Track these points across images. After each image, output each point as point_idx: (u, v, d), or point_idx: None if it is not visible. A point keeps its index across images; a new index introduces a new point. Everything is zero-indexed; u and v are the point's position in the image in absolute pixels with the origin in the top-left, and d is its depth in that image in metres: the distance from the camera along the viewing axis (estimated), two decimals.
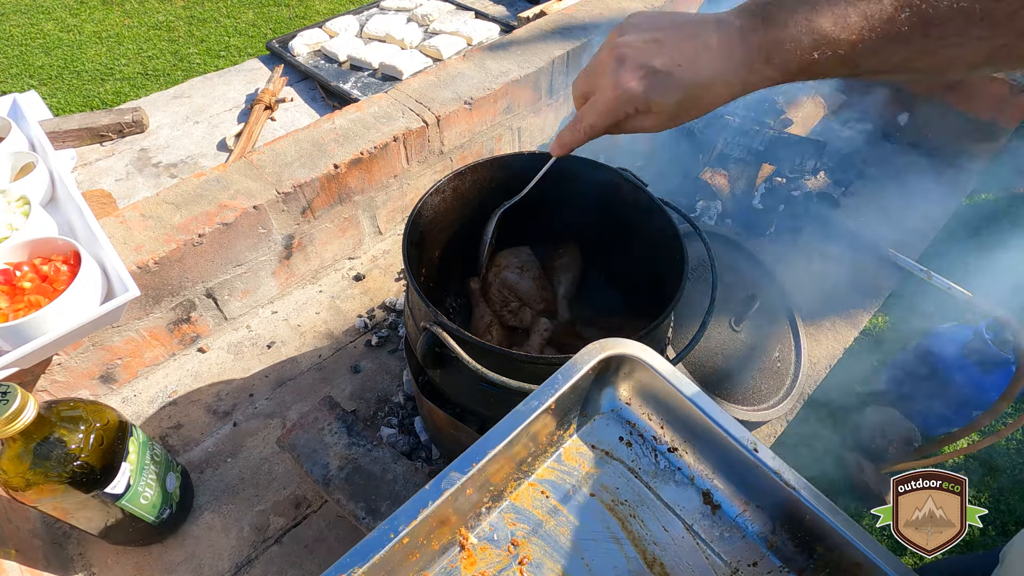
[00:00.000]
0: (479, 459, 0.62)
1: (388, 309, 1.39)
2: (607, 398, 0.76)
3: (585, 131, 0.68)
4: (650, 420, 0.75)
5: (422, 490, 0.59)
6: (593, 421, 0.76)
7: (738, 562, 0.67)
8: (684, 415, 0.71)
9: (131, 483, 0.86)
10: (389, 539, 0.56)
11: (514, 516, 0.69)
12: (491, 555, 0.66)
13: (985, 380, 1.78)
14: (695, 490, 0.72)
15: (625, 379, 0.75)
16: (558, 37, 1.67)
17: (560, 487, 0.72)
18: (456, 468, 0.61)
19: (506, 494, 0.70)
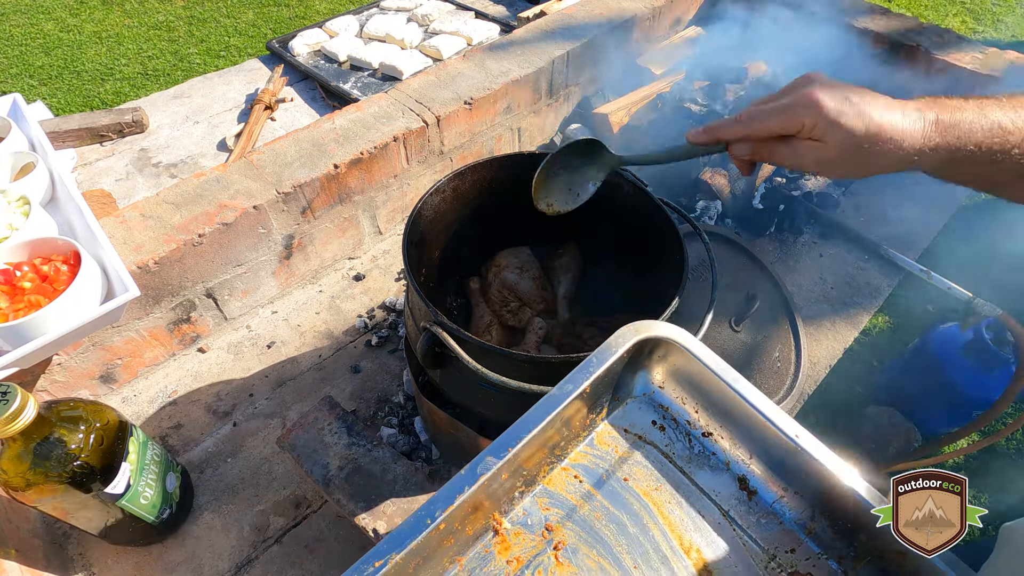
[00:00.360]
0: (514, 444, 0.61)
1: (388, 309, 1.39)
2: (640, 381, 0.75)
3: (745, 125, 0.66)
4: (684, 404, 0.74)
5: (457, 475, 0.59)
6: (625, 405, 0.75)
7: (775, 548, 0.66)
8: (720, 399, 0.70)
9: (131, 483, 0.86)
10: (426, 525, 0.56)
11: (547, 501, 0.68)
12: (525, 540, 0.66)
13: (985, 380, 1.78)
14: (731, 476, 0.71)
15: (659, 362, 0.74)
16: (558, 37, 1.67)
17: (593, 472, 0.71)
18: (491, 453, 0.61)
19: (539, 479, 0.69)
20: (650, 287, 0.96)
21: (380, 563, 0.54)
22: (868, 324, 1.43)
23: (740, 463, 0.71)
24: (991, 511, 0.60)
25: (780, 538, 0.67)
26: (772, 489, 0.69)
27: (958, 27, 3.56)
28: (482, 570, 0.63)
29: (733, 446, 0.71)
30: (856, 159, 0.61)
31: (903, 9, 3.51)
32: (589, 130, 1.78)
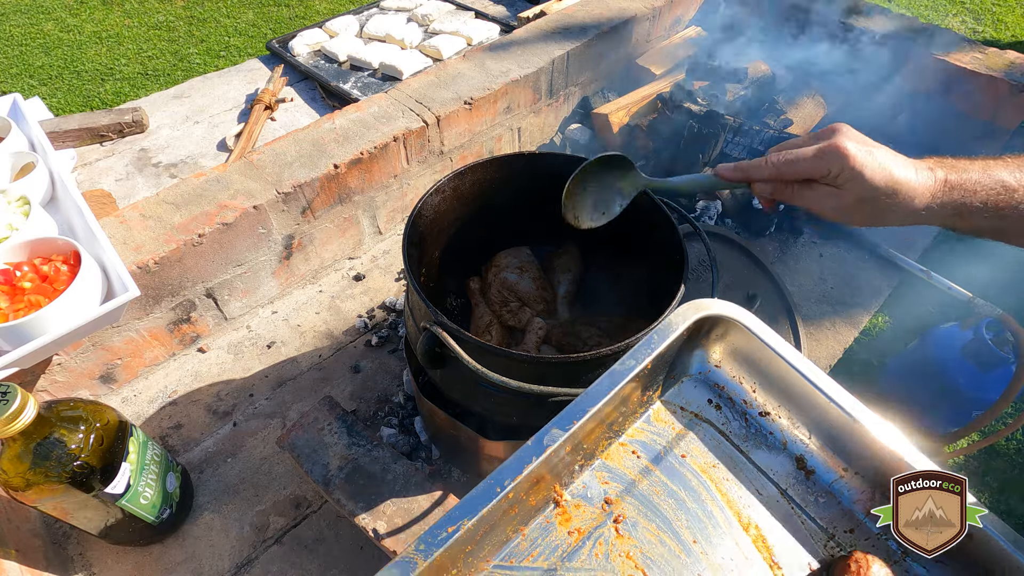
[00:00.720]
0: (579, 417, 0.63)
1: (388, 309, 1.39)
2: (696, 360, 0.76)
3: (776, 168, 0.71)
4: (741, 383, 0.74)
5: (524, 446, 0.60)
6: (681, 383, 0.76)
7: (834, 528, 0.67)
8: (779, 378, 0.70)
9: (131, 483, 0.86)
10: (496, 493, 0.58)
11: (607, 475, 0.69)
12: (585, 512, 0.67)
13: (985, 380, 1.78)
14: (788, 455, 0.71)
15: (717, 341, 0.74)
16: (558, 37, 1.67)
17: (651, 448, 0.71)
18: (557, 425, 0.62)
19: (598, 453, 0.70)
20: (650, 287, 0.96)
21: (453, 528, 0.55)
22: (868, 324, 1.43)
23: (798, 442, 0.71)
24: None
25: (839, 518, 0.67)
26: (831, 468, 0.69)
27: (958, 27, 3.56)
28: (544, 540, 0.64)
29: (791, 425, 0.71)
30: (871, 209, 0.67)
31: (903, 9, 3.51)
32: (589, 130, 1.78)
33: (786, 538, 0.66)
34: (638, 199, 0.96)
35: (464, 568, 0.60)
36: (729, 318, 0.72)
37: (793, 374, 0.68)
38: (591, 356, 0.72)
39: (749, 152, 1.53)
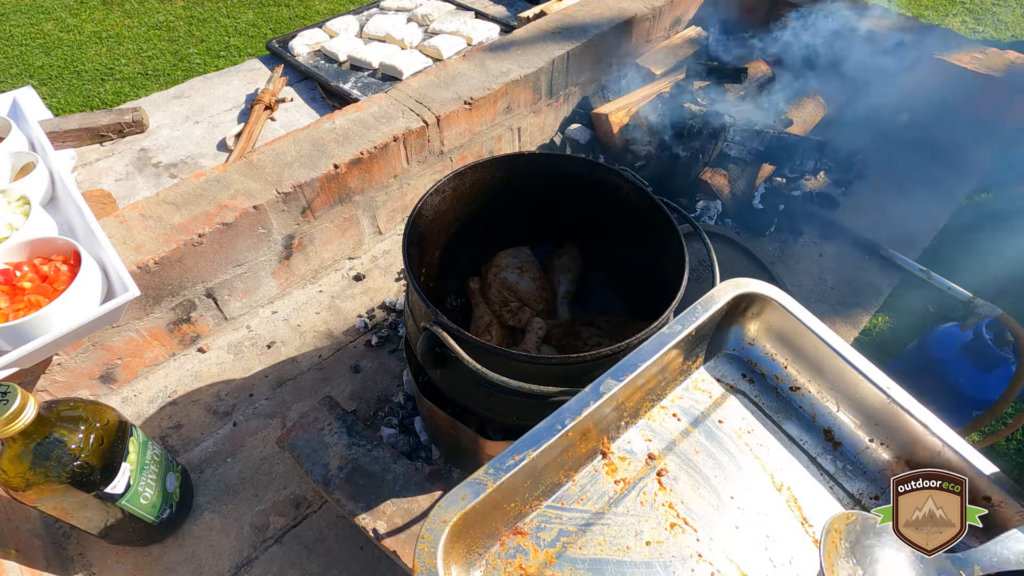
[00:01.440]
0: (632, 370, 0.68)
1: (388, 309, 1.39)
2: (733, 336, 0.81)
3: None
4: (775, 358, 0.80)
5: (583, 392, 0.65)
6: (717, 358, 0.81)
7: (861, 494, 0.71)
8: (812, 354, 0.75)
9: (131, 483, 0.86)
10: (557, 430, 0.62)
11: (649, 434, 0.74)
12: (630, 465, 0.71)
13: (985, 380, 1.78)
14: (816, 428, 0.76)
15: (753, 319, 0.80)
16: (558, 37, 1.67)
17: (690, 412, 0.76)
18: (612, 376, 0.67)
19: (641, 413, 0.75)
20: (650, 287, 0.96)
21: (519, 457, 0.60)
22: (868, 324, 1.43)
23: (827, 415, 0.76)
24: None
25: (865, 486, 0.72)
26: (859, 439, 0.74)
27: (958, 27, 3.56)
28: (592, 486, 0.69)
29: (822, 398, 0.76)
30: None
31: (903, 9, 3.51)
32: (589, 130, 1.78)
33: (817, 500, 0.70)
34: (638, 200, 0.96)
35: (520, 504, 0.64)
36: (766, 296, 0.77)
37: (824, 349, 0.73)
38: (591, 356, 0.72)
39: (748, 152, 1.53)
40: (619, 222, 1.02)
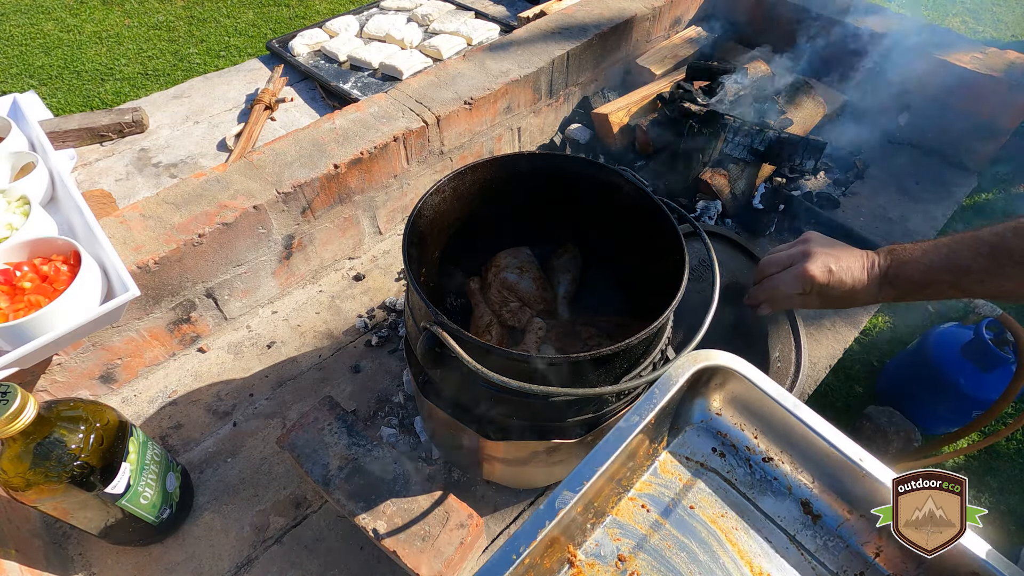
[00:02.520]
0: (589, 477, 0.63)
1: (388, 309, 1.39)
2: (698, 409, 0.77)
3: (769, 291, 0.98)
4: (743, 429, 0.75)
5: (537, 511, 0.61)
6: (684, 432, 0.77)
7: (844, 571, 0.67)
8: (780, 424, 0.71)
9: (131, 483, 0.86)
10: (511, 560, 0.58)
11: (618, 531, 0.70)
12: (599, 571, 0.67)
13: (985, 380, 1.78)
14: (794, 500, 0.71)
15: (717, 390, 0.76)
16: (558, 37, 1.67)
17: (660, 501, 0.72)
18: (567, 487, 0.62)
19: (608, 510, 0.70)
20: (650, 287, 0.96)
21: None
22: (868, 324, 1.43)
23: (803, 487, 0.72)
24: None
25: (848, 561, 0.68)
26: (837, 512, 0.69)
27: (958, 27, 3.56)
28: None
29: (795, 470, 0.72)
30: (835, 306, 0.95)
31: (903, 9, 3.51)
32: (589, 130, 1.78)
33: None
34: (638, 200, 0.96)
35: None
36: (726, 367, 0.73)
37: (792, 420, 0.70)
38: (591, 356, 0.72)
39: (749, 152, 1.53)
40: (619, 222, 1.02)
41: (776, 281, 0.96)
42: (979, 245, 0.78)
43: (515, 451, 0.91)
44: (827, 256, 0.91)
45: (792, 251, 0.96)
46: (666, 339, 0.87)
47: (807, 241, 0.96)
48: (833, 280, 0.89)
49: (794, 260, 0.94)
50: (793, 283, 0.93)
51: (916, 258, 0.85)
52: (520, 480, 1.05)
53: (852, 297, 0.90)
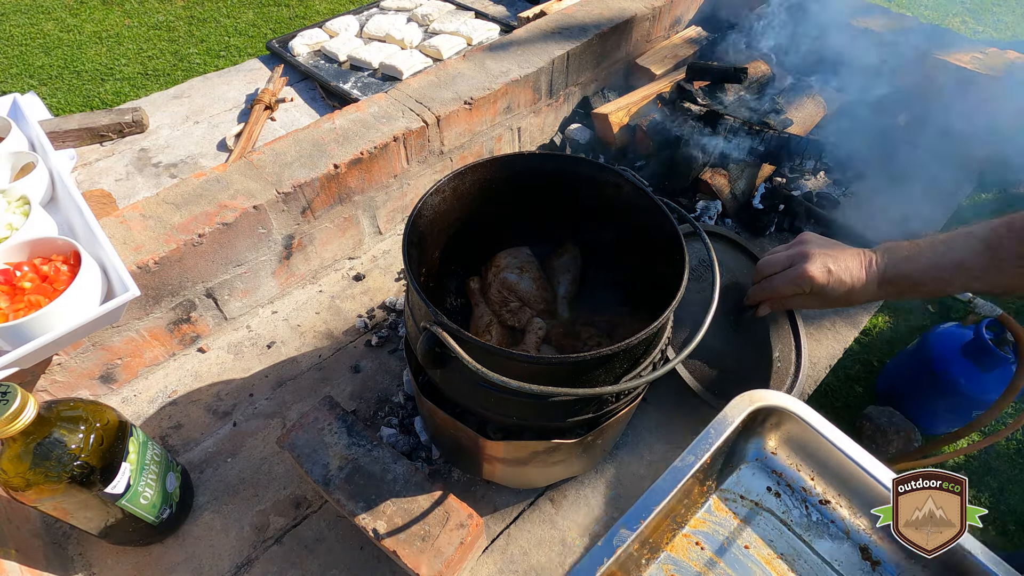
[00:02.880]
0: (646, 515, 0.64)
1: (388, 309, 1.39)
2: (753, 448, 0.76)
3: (769, 292, 1.00)
4: (799, 470, 0.74)
5: (595, 547, 0.62)
6: (739, 471, 0.77)
7: None
8: (838, 468, 0.70)
9: (131, 483, 0.86)
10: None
11: (672, 568, 0.69)
12: None
13: (985, 380, 1.78)
14: (851, 544, 0.69)
15: (772, 430, 0.75)
16: (558, 37, 1.67)
17: (714, 539, 0.71)
18: (625, 525, 0.63)
19: (663, 546, 0.70)
20: (651, 287, 0.96)
21: None
22: (868, 324, 1.43)
23: (861, 532, 0.70)
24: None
25: None
26: (897, 559, 0.67)
27: (958, 27, 3.56)
28: None
29: (853, 515, 0.70)
30: (834, 305, 0.96)
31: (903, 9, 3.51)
32: (589, 130, 1.78)
33: None
34: (638, 200, 0.96)
35: None
36: (783, 409, 0.73)
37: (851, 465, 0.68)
38: (591, 356, 0.72)
39: (749, 152, 1.53)
40: (619, 222, 1.02)
41: (775, 282, 0.97)
42: (974, 242, 0.79)
43: (515, 451, 0.91)
44: (826, 256, 0.91)
45: (791, 252, 0.97)
46: (666, 339, 0.87)
47: (805, 242, 0.97)
48: (832, 280, 0.89)
49: (793, 261, 0.95)
50: (793, 284, 0.94)
51: (913, 255, 0.85)
52: (520, 480, 1.05)
53: (851, 296, 0.91)
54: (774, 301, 1.01)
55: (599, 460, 1.10)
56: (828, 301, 0.93)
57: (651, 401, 1.20)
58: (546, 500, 1.06)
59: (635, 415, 1.18)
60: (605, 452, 1.10)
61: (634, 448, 1.12)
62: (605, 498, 1.06)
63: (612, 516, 1.04)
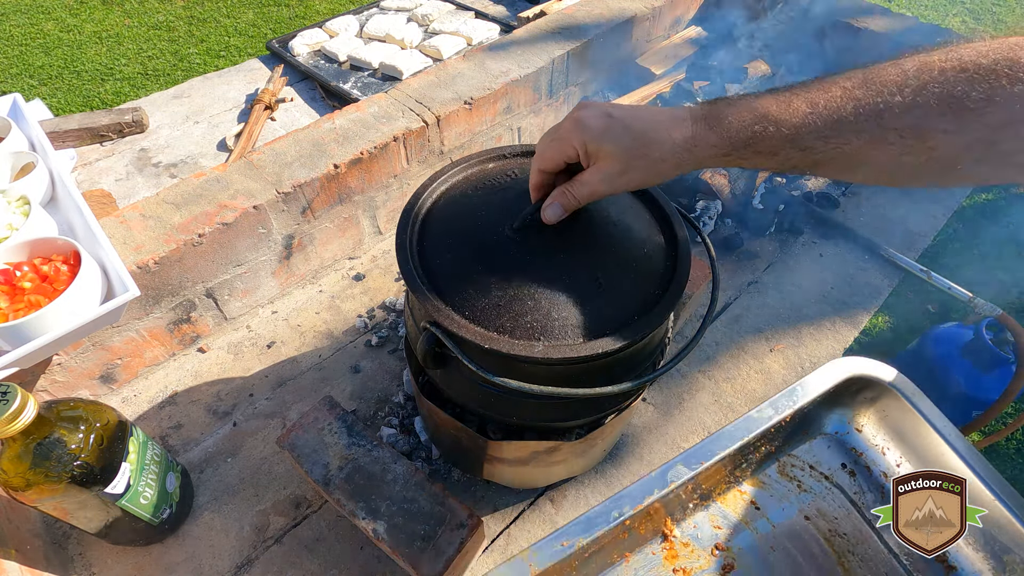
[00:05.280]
0: (708, 458, 0.60)
1: (388, 309, 1.39)
2: (834, 419, 0.70)
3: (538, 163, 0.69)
4: (885, 453, 0.68)
5: (648, 476, 0.59)
6: (813, 441, 0.70)
7: None
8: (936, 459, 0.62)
9: (131, 483, 0.86)
10: (614, 518, 0.58)
11: (720, 520, 0.65)
12: (693, 553, 0.64)
13: (985, 380, 1.78)
14: None
15: (865, 404, 0.68)
16: (558, 37, 1.67)
17: (772, 503, 0.66)
18: (683, 462, 0.60)
19: (715, 496, 0.66)
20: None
21: (567, 543, 0.56)
22: (868, 324, 1.42)
23: None
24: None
25: None
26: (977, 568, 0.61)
27: (958, 27, 3.56)
28: (647, 572, 0.62)
29: None
30: (638, 164, 0.63)
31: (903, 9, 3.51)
32: None
33: None
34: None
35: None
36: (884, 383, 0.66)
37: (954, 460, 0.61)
38: (591, 356, 0.72)
39: None
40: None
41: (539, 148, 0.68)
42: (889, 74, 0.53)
43: (515, 451, 0.91)
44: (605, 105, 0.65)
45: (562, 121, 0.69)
46: (666, 339, 0.87)
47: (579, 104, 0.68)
48: (617, 126, 0.62)
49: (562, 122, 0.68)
50: (559, 142, 0.65)
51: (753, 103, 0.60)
52: (520, 480, 1.05)
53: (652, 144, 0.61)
54: (559, 194, 0.69)
55: (599, 460, 1.10)
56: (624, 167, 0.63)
57: (651, 401, 1.20)
58: (546, 500, 1.06)
59: (635, 415, 1.18)
60: (605, 452, 1.10)
61: (634, 448, 1.12)
62: (605, 498, 1.06)
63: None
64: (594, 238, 0.79)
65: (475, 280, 0.75)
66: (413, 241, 0.81)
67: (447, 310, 0.73)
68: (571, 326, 0.73)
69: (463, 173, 0.92)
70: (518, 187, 0.86)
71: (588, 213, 0.81)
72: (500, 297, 0.74)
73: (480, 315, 0.73)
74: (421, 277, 0.76)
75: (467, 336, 0.71)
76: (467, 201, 0.86)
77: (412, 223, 0.82)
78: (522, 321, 0.73)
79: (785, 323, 1.36)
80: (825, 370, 0.66)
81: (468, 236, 0.79)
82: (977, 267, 1.69)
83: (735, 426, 0.62)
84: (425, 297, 0.74)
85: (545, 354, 0.70)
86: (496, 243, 0.77)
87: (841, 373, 0.66)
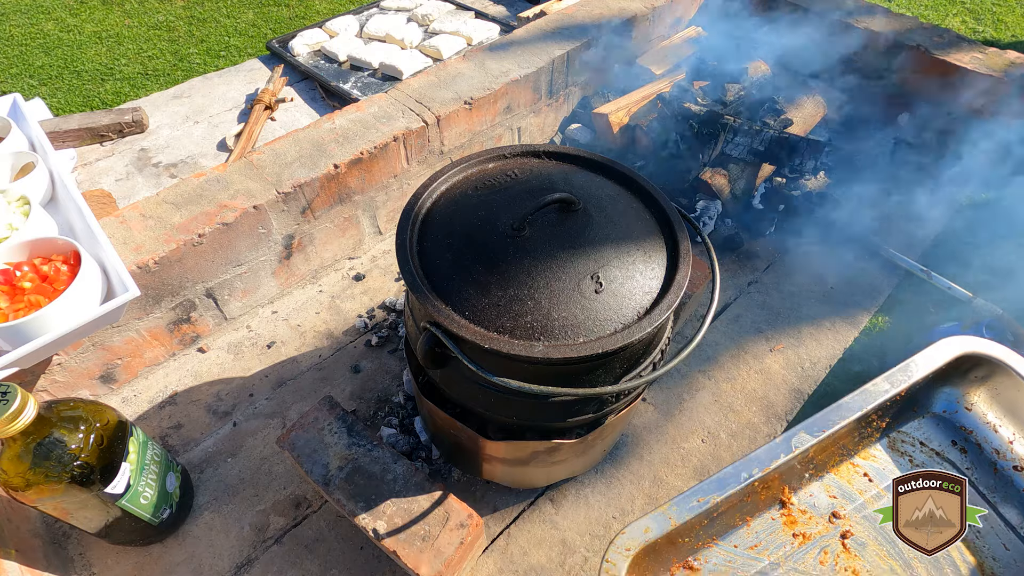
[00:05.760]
0: (830, 427, 0.63)
1: (388, 309, 1.39)
2: (943, 397, 0.72)
3: None
4: (997, 431, 0.69)
5: (774, 442, 0.62)
6: (922, 418, 0.73)
7: None
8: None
9: (131, 483, 0.86)
10: (744, 479, 0.61)
11: (835, 490, 0.69)
12: (810, 520, 0.67)
13: None
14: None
15: (977, 383, 0.70)
16: (558, 37, 1.67)
17: (884, 475, 0.69)
18: (806, 429, 0.63)
19: (829, 468, 0.70)
20: None
21: (703, 499, 0.59)
22: (868, 324, 1.43)
23: None
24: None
25: None
26: None
27: (958, 27, 3.56)
28: (768, 536, 0.66)
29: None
30: None
31: (903, 9, 3.51)
32: (589, 130, 1.78)
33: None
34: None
35: (693, 540, 0.63)
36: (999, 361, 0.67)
37: None
38: (591, 356, 0.72)
39: (749, 152, 1.53)
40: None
41: None
42: None
43: (515, 451, 0.91)
44: None
45: None
46: (666, 339, 0.87)
47: None
48: None
49: None
50: None
51: None
52: (520, 480, 1.05)
53: None
54: None
55: (599, 460, 1.10)
56: None
57: (651, 401, 1.20)
58: (546, 500, 1.06)
59: (635, 415, 1.18)
60: (605, 452, 1.10)
61: (634, 448, 1.12)
62: (605, 498, 1.06)
63: (612, 516, 1.04)
64: (594, 238, 0.79)
65: (475, 280, 0.75)
66: (413, 241, 0.81)
67: (447, 310, 0.73)
68: (571, 326, 0.73)
69: (463, 173, 0.92)
70: (518, 187, 0.86)
71: (588, 213, 0.81)
72: (500, 297, 0.74)
73: (480, 315, 0.73)
74: (421, 277, 0.76)
75: (467, 336, 0.71)
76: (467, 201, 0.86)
77: (412, 223, 0.82)
78: (522, 321, 0.73)
79: (785, 323, 1.36)
80: (937, 348, 0.68)
81: (468, 236, 0.79)
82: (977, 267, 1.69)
83: (851, 398, 0.66)
84: (425, 297, 0.74)
85: (545, 354, 0.70)
86: (496, 243, 0.77)
87: (953, 351, 0.68)
